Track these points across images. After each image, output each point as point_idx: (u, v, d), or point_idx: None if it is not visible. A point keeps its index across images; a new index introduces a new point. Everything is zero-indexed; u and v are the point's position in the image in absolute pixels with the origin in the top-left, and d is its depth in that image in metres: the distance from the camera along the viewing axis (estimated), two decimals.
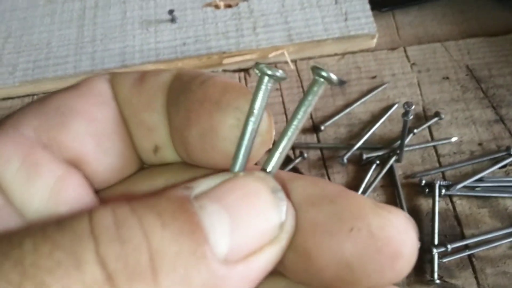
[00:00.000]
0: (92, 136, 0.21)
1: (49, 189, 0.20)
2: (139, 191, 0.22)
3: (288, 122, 0.21)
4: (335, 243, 0.18)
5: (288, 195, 0.19)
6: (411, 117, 0.46)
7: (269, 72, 0.20)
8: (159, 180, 0.22)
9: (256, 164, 0.23)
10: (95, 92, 0.22)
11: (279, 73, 0.20)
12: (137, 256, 0.15)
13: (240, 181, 0.18)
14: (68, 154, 0.21)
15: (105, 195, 0.22)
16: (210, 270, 0.16)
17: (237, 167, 0.20)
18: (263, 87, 0.20)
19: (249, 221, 0.17)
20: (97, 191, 0.22)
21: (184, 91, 0.21)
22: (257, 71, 0.21)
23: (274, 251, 0.18)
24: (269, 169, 0.20)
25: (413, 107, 0.44)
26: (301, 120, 0.20)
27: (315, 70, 0.20)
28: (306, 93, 0.20)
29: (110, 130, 0.22)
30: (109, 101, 0.22)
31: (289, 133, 0.20)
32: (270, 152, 0.20)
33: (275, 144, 0.20)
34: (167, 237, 0.15)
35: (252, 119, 0.20)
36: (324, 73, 0.20)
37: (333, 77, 0.20)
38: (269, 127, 0.21)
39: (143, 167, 0.24)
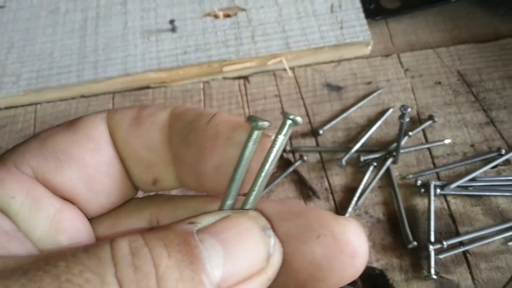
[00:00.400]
0: (84, 181, 0.24)
1: (49, 220, 0.23)
2: (127, 221, 0.26)
3: (263, 162, 0.23)
4: (307, 248, 0.21)
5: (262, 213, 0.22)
6: (407, 119, 0.48)
7: (260, 124, 0.23)
8: (145, 211, 0.26)
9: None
10: (90, 137, 0.24)
11: (267, 123, 0.23)
12: (147, 281, 0.18)
13: (235, 219, 0.21)
14: (62, 194, 0.24)
15: (98, 221, 0.26)
16: None
17: (227, 206, 0.23)
18: (253, 139, 0.23)
19: (239, 255, 0.20)
20: (90, 218, 0.25)
21: (193, 131, 0.24)
22: (250, 123, 0.23)
23: (261, 280, 0.21)
24: (248, 206, 0.23)
25: (409, 109, 0.46)
26: (275, 157, 0.23)
27: (286, 114, 0.23)
28: (276, 133, 0.23)
29: (102, 173, 0.24)
30: (104, 145, 0.25)
31: (265, 169, 0.23)
32: (249, 191, 0.23)
33: (253, 183, 0.23)
34: (171, 265, 0.19)
35: (242, 166, 0.23)
36: (291, 116, 0.23)
37: (299, 119, 0.23)
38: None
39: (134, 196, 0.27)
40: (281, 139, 0.23)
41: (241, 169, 0.23)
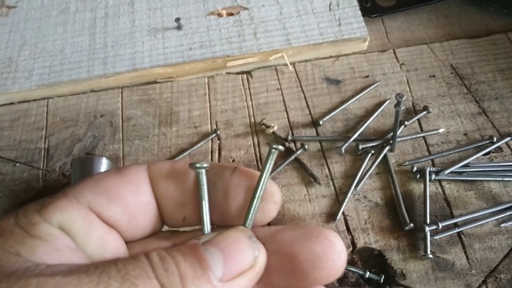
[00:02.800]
0: (125, 216, 0.31)
1: (99, 241, 0.29)
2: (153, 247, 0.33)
3: (255, 188, 0.30)
4: (310, 245, 0.29)
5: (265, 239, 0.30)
6: (403, 107, 0.50)
7: (198, 165, 0.31)
8: (167, 242, 0.33)
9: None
10: (134, 182, 0.32)
11: (206, 164, 0.31)
12: (173, 278, 0.26)
13: (228, 233, 0.29)
14: (108, 223, 0.31)
15: (131, 246, 0.33)
16: (212, 285, 0.26)
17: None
18: (202, 182, 0.31)
19: (234, 256, 0.28)
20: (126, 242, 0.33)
21: (220, 179, 0.32)
22: (195, 170, 0.31)
23: (251, 275, 0.28)
24: (247, 225, 0.31)
25: (404, 97, 0.49)
26: (264, 182, 0.30)
27: (271, 144, 0.31)
28: (264, 162, 0.31)
29: (139, 211, 0.32)
30: (143, 189, 0.32)
31: (257, 195, 0.30)
32: (246, 213, 0.31)
33: (249, 206, 0.30)
34: (188, 266, 0.26)
35: (205, 201, 0.31)
36: (274, 146, 0.31)
37: (281, 147, 0.31)
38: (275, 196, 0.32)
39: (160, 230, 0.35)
40: (269, 165, 0.31)
41: (205, 204, 0.31)
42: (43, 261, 0.26)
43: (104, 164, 0.54)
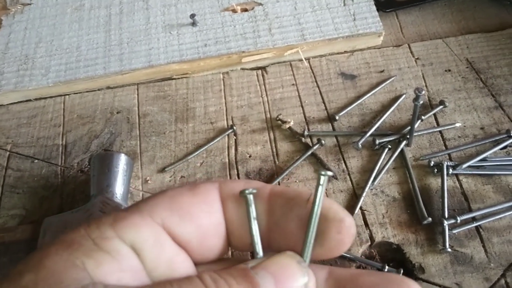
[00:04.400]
0: (197, 237, 0.30)
1: (170, 261, 0.29)
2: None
3: (308, 221, 0.29)
4: None
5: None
6: (421, 102, 0.50)
7: (247, 192, 0.30)
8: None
9: None
10: (208, 201, 0.31)
11: (255, 190, 0.30)
12: None
13: (278, 257, 0.29)
14: (178, 242, 0.30)
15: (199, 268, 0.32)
16: None
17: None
18: (251, 209, 0.30)
19: (284, 281, 0.27)
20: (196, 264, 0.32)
21: (294, 208, 0.30)
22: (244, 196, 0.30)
23: None
24: (305, 258, 0.29)
25: (423, 92, 0.49)
26: (317, 214, 0.29)
27: (320, 171, 0.29)
28: (316, 190, 0.29)
29: (211, 232, 0.31)
30: (215, 210, 0.31)
31: (311, 228, 0.29)
32: (302, 247, 0.29)
33: (304, 240, 0.29)
34: None
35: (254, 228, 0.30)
36: (323, 172, 0.29)
37: (330, 173, 0.29)
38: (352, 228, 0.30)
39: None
40: (321, 192, 0.29)
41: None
42: (104, 280, 0.26)
43: (123, 160, 0.55)
